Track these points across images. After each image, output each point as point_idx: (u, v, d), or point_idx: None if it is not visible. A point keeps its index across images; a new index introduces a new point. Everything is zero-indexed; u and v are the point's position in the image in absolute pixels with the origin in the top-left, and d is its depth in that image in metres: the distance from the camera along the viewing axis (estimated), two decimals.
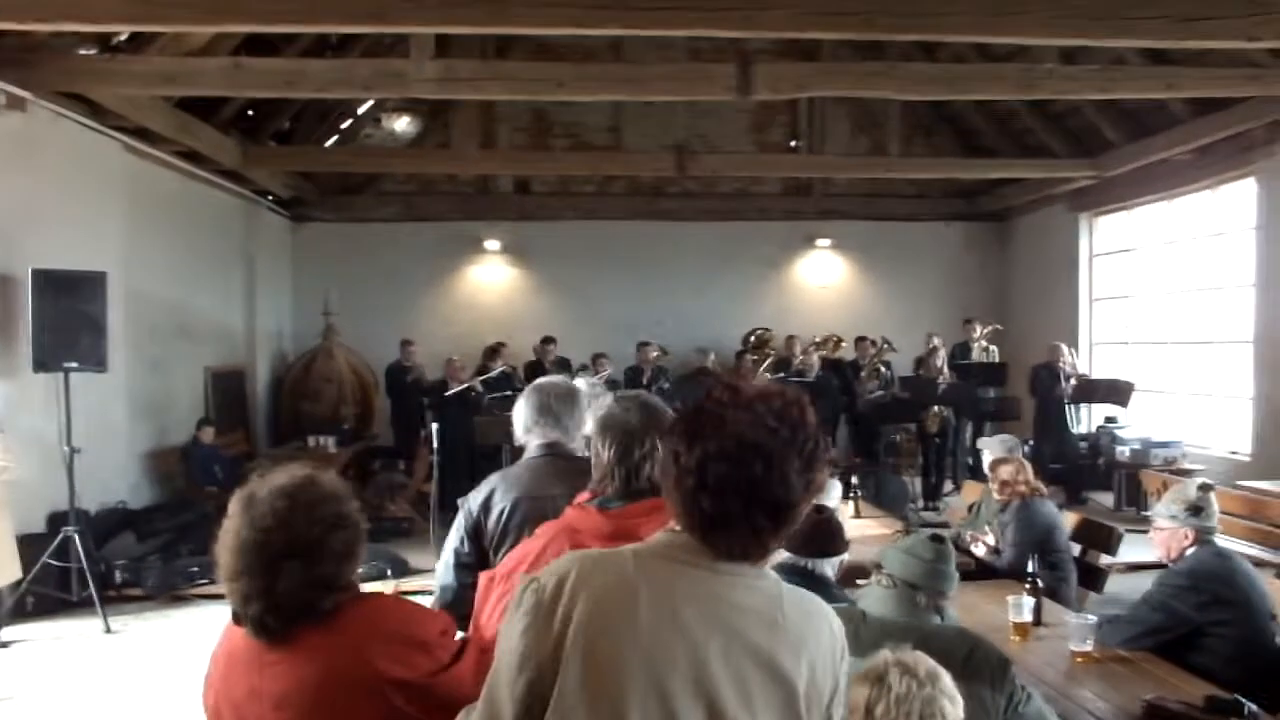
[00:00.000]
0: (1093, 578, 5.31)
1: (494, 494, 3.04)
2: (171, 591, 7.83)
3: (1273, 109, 9.21)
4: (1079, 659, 3.62)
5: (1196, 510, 3.86)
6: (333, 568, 2.02)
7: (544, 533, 2.35)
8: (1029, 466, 5.36)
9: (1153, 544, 4.03)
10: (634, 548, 1.62)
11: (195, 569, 8.04)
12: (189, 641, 6.83)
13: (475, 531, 3.03)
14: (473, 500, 3.07)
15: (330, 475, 2.13)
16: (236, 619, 2.04)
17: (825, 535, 3.25)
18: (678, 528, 1.59)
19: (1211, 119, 9.98)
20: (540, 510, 2.97)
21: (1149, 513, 4.00)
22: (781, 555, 3.28)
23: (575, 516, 2.37)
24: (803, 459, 1.55)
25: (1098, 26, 6.41)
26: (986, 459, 6.02)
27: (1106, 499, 11.01)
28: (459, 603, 3.00)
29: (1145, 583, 6.77)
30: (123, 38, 8.51)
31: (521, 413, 3.17)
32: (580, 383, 4.88)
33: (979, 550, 5.37)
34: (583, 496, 2.43)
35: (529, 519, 2.98)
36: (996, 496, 5.36)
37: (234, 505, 2.05)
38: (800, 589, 1.64)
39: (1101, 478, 11.23)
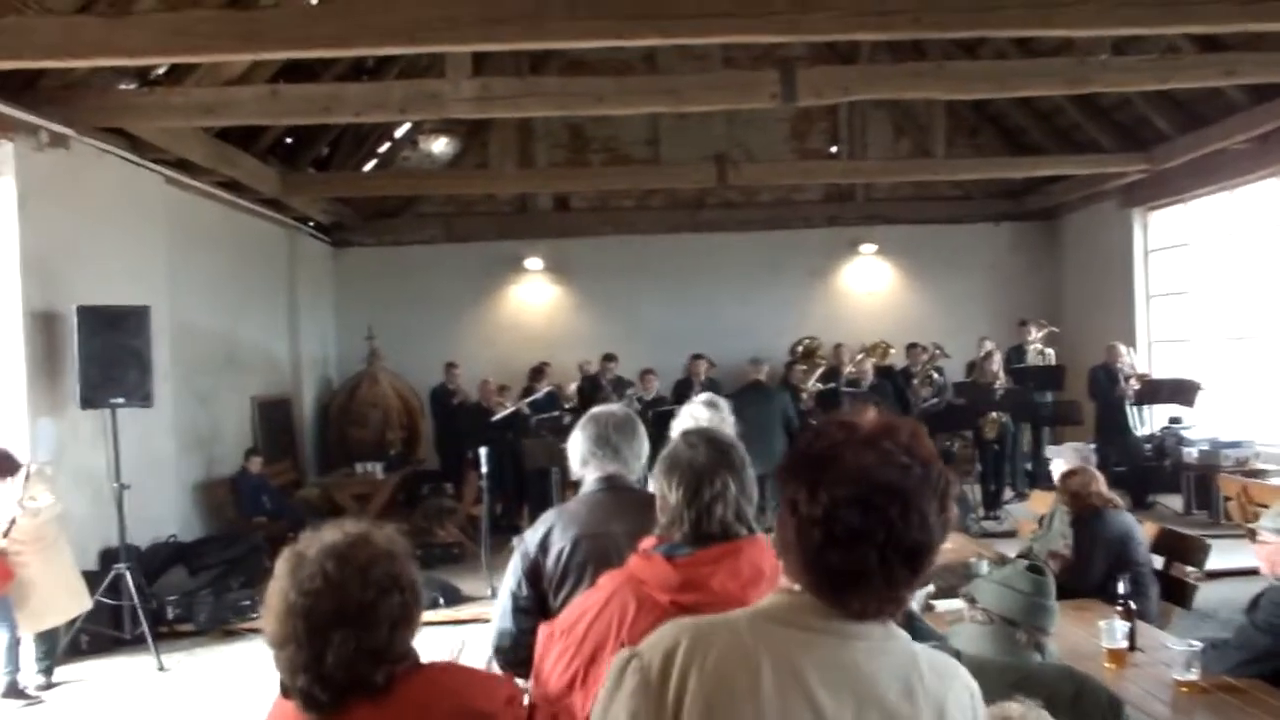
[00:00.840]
0: (1178, 592, 5.04)
1: (552, 532, 2.88)
2: (223, 626, 7.75)
3: None
4: (1184, 689, 3.38)
5: None
6: (387, 636, 1.86)
7: (607, 584, 2.17)
8: (1100, 477, 5.10)
9: (1258, 558, 3.75)
10: (746, 613, 1.45)
11: (246, 602, 7.96)
12: (240, 678, 6.75)
13: (533, 573, 2.87)
14: (529, 540, 2.91)
15: (387, 532, 1.97)
16: (284, 691, 1.87)
17: None
18: (795, 586, 1.42)
19: (1272, 105, 9.61)
20: (602, 548, 2.81)
21: (1256, 525, 3.73)
22: None
23: (639, 566, 2.18)
24: (939, 496, 1.40)
25: (1153, 14, 6.16)
26: (1057, 469, 5.76)
27: (1174, 502, 10.63)
28: (518, 648, 2.85)
29: (1229, 592, 6.50)
30: (161, 71, 8.52)
31: (577, 444, 3.01)
32: (698, 409, 4.72)
33: (1064, 552, 5.13)
34: (647, 543, 2.24)
35: (590, 558, 2.82)
36: (1066, 509, 5.11)
37: (281, 565, 1.90)
38: (931, 649, 1.46)
39: (1168, 480, 10.86)
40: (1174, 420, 11.45)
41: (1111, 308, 13.39)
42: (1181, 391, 10.56)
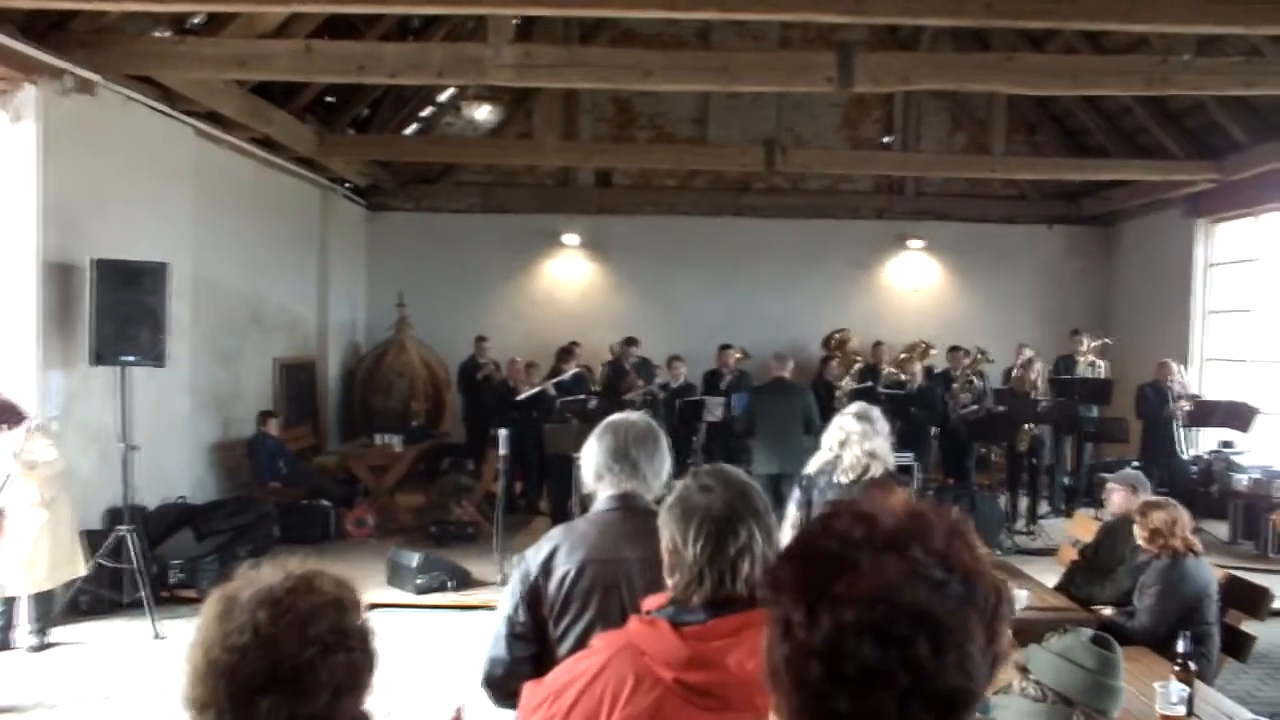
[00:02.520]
0: (1236, 644, 4.64)
1: (556, 554, 2.56)
2: None
3: None
4: None
5: None
6: (328, 704, 1.54)
7: (604, 647, 1.82)
8: (1186, 515, 4.64)
9: None
10: None
11: None
12: None
13: (533, 597, 2.55)
14: (531, 561, 2.59)
15: (334, 576, 1.65)
16: None
17: None
18: None
19: None
20: (611, 575, 2.51)
21: None
22: None
23: (641, 633, 1.81)
24: (986, 625, 1.03)
25: (1251, 12, 5.70)
26: (1117, 497, 5.37)
27: (1220, 530, 10.17)
28: (511, 679, 2.53)
29: (1276, 633, 6.09)
30: (197, 20, 8.25)
31: (592, 456, 2.68)
32: (848, 421, 4.41)
33: (1105, 612, 4.73)
34: (652, 601, 1.89)
35: (597, 585, 2.51)
36: (1143, 545, 4.66)
37: (206, 611, 1.59)
38: None
39: (1214, 506, 10.39)
40: (1224, 444, 10.96)
41: (1165, 322, 12.87)
42: (1236, 416, 10.07)
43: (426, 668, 6.31)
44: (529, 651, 2.54)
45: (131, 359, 6.83)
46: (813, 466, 4.65)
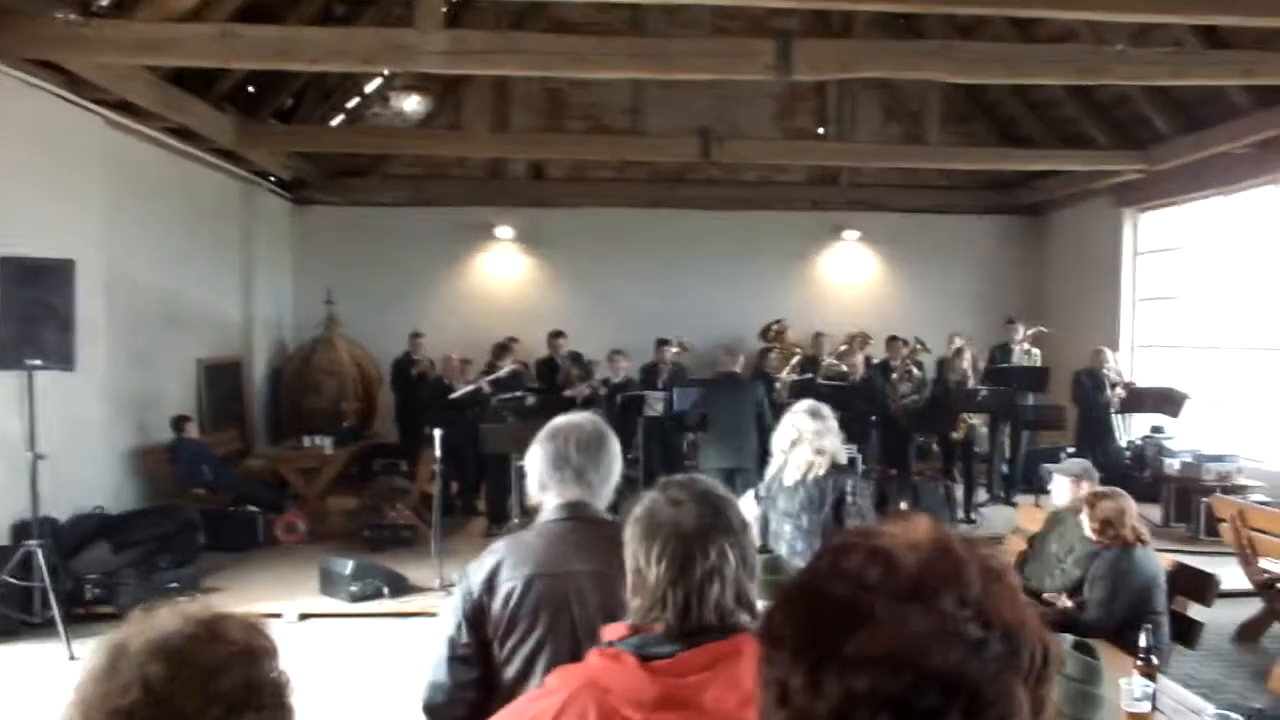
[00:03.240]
0: (1186, 632, 4.60)
1: (501, 569, 2.36)
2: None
3: None
4: None
5: None
6: None
7: (562, 684, 1.60)
8: (1133, 504, 4.58)
9: None
10: None
11: (174, 584, 7.39)
12: None
13: (476, 616, 2.35)
14: (473, 576, 2.38)
15: (243, 619, 1.42)
16: None
17: None
18: None
19: (1277, 110, 9.22)
20: (560, 592, 2.31)
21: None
22: None
23: (604, 669, 1.59)
24: (1031, 692, 0.85)
25: (1186, 2, 5.66)
26: (1058, 488, 5.29)
27: (1153, 513, 10.25)
28: (453, 705, 2.33)
29: (1214, 615, 6.10)
30: (104, 2, 7.82)
31: (535, 464, 2.48)
32: (801, 420, 4.27)
33: (1063, 602, 4.64)
34: (613, 630, 1.69)
35: (545, 603, 2.31)
36: (1091, 536, 4.59)
37: (88, 662, 1.35)
38: None
39: (1147, 490, 10.49)
40: (1155, 429, 11.10)
41: (1097, 309, 13.02)
42: (1167, 401, 10.19)
43: (362, 679, 6.05)
44: (472, 675, 2.34)
45: (37, 363, 6.42)
46: (767, 476, 4.54)
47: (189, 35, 6.91)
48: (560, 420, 2.54)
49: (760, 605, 3.05)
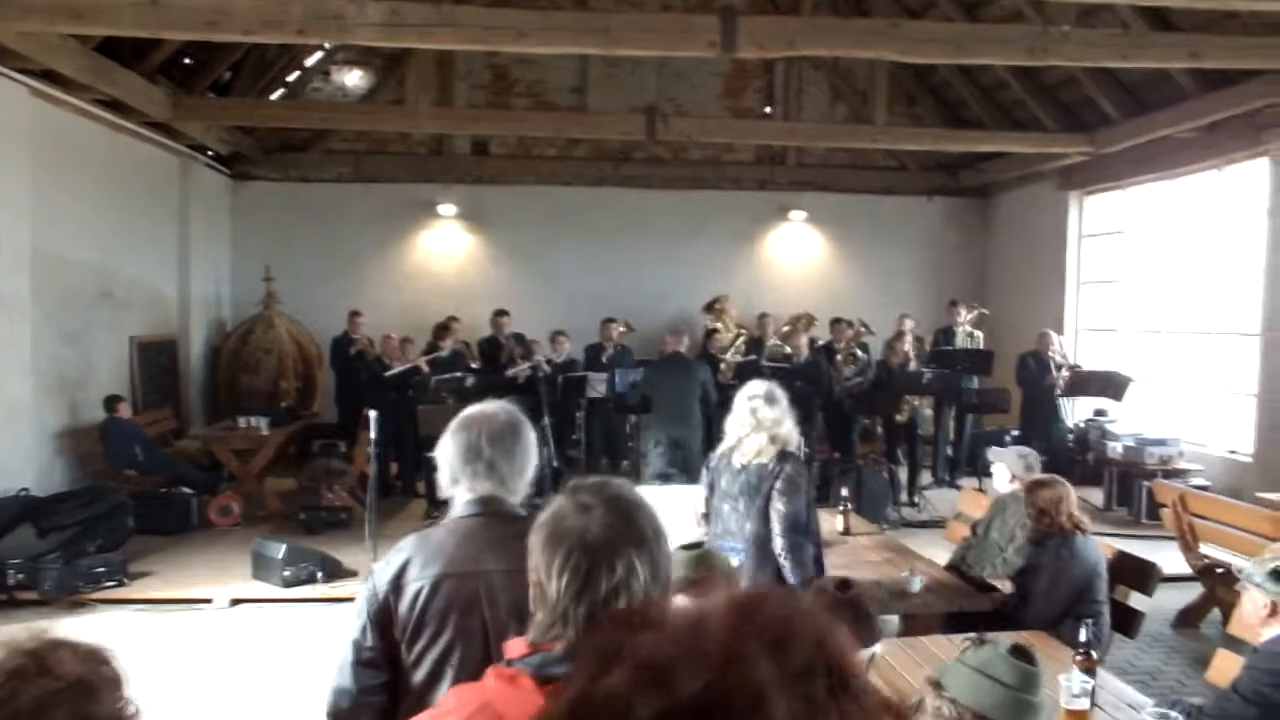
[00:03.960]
0: (1126, 621, 4.60)
1: (408, 568, 2.24)
2: (72, 596, 6.94)
3: None
4: None
5: None
6: None
7: (457, 707, 1.49)
8: (1073, 494, 4.56)
9: (1243, 614, 3.27)
10: None
11: (101, 569, 7.17)
12: None
13: (383, 618, 2.23)
14: (379, 576, 2.27)
15: (85, 648, 1.30)
16: None
17: (852, 619, 2.47)
18: None
19: (1223, 94, 9.31)
20: (470, 592, 2.20)
21: (1241, 574, 3.23)
22: None
23: (500, 692, 1.48)
24: None
25: None
26: (999, 474, 5.28)
27: (1095, 496, 10.37)
28: (357, 711, 2.22)
29: (1155, 601, 6.16)
30: None
31: (445, 456, 2.36)
32: (760, 407, 4.19)
33: (1005, 586, 4.63)
34: (515, 648, 1.59)
35: (454, 604, 2.20)
36: (1030, 525, 4.58)
37: None
38: None
39: (1090, 474, 10.62)
40: (1098, 413, 11.20)
41: (1041, 292, 13.12)
42: (1111, 385, 10.26)
43: (293, 665, 5.90)
44: (379, 680, 2.22)
45: None
46: (717, 451, 4.48)
47: (116, 3, 6.62)
48: (472, 410, 2.42)
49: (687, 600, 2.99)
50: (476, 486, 2.31)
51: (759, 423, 4.25)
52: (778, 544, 4.14)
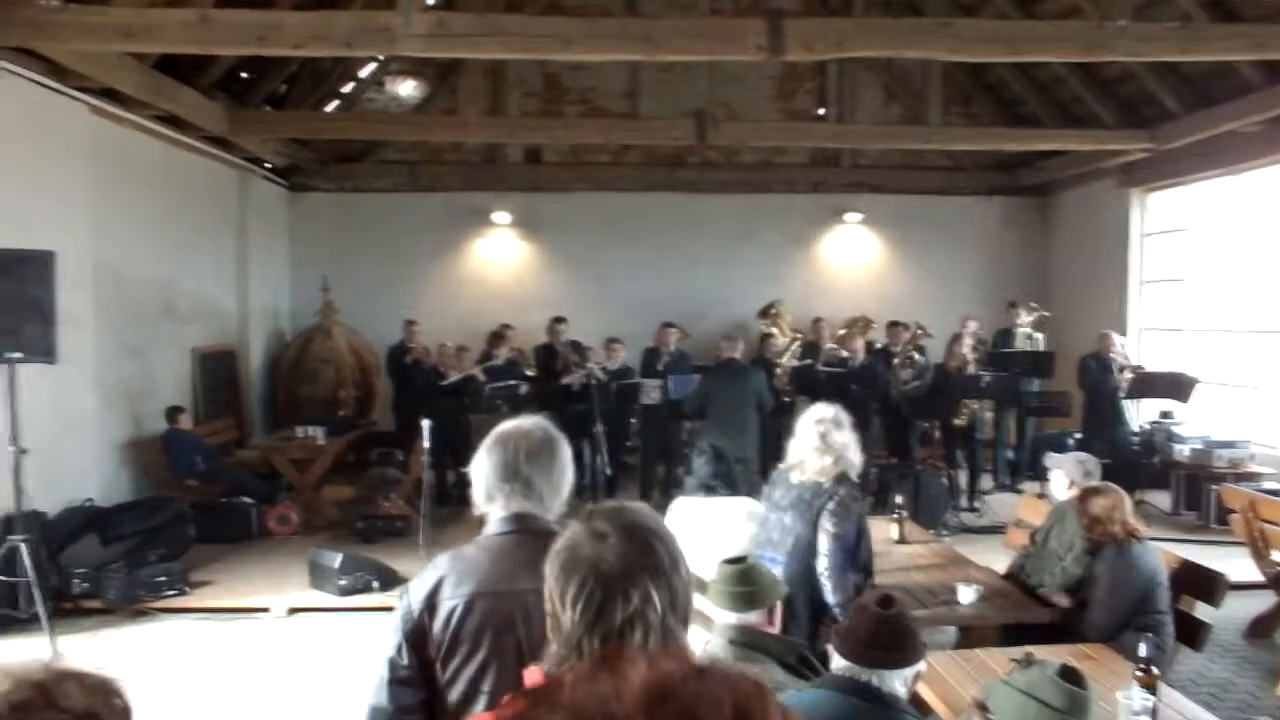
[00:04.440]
0: (1192, 633, 4.44)
1: (442, 586, 2.22)
2: (134, 605, 7.07)
3: None
4: None
5: None
6: None
7: None
8: (1128, 501, 4.42)
9: None
10: None
11: (163, 578, 7.31)
12: (147, 665, 6.11)
13: (417, 637, 2.21)
14: (414, 593, 2.25)
15: (94, 679, 1.28)
16: None
17: (894, 639, 2.41)
18: None
19: None
20: (505, 612, 2.17)
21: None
22: (838, 663, 2.45)
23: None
24: None
25: None
26: (1057, 481, 5.14)
27: (1162, 500, 10.12)
28: None
29: (1226, 610, 5.96)
30: None
31: (480, 473, 2.34)
32: (831, 431, 4.19)
33: (1062, 601, 4.50)
34: (531, 677, 1.55)
35: (489, 623, 2.17)
36: (1083, 534, 4.46)
37: None
38: None
39: (1156, 477, 10.34)
40: (1165, 415, 10.90)
41: (1102, 292, 12.83)
42: (1177, 386, 9.99)
43: (348, 674, 5.94)
44: (416, 698, 2.20)
45: (17, 355, 6.30)
46: (781, 465, 4.48)
47: (167, 21, 6.76)
48: (507, 426, 2.39)
49: (733, 618, 2.94)
50: (512, 504, 2.29)
51: (827, 446, 4.23)
52: (821, 563, 4.08)
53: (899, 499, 6.13)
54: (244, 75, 11.22)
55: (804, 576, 4.09)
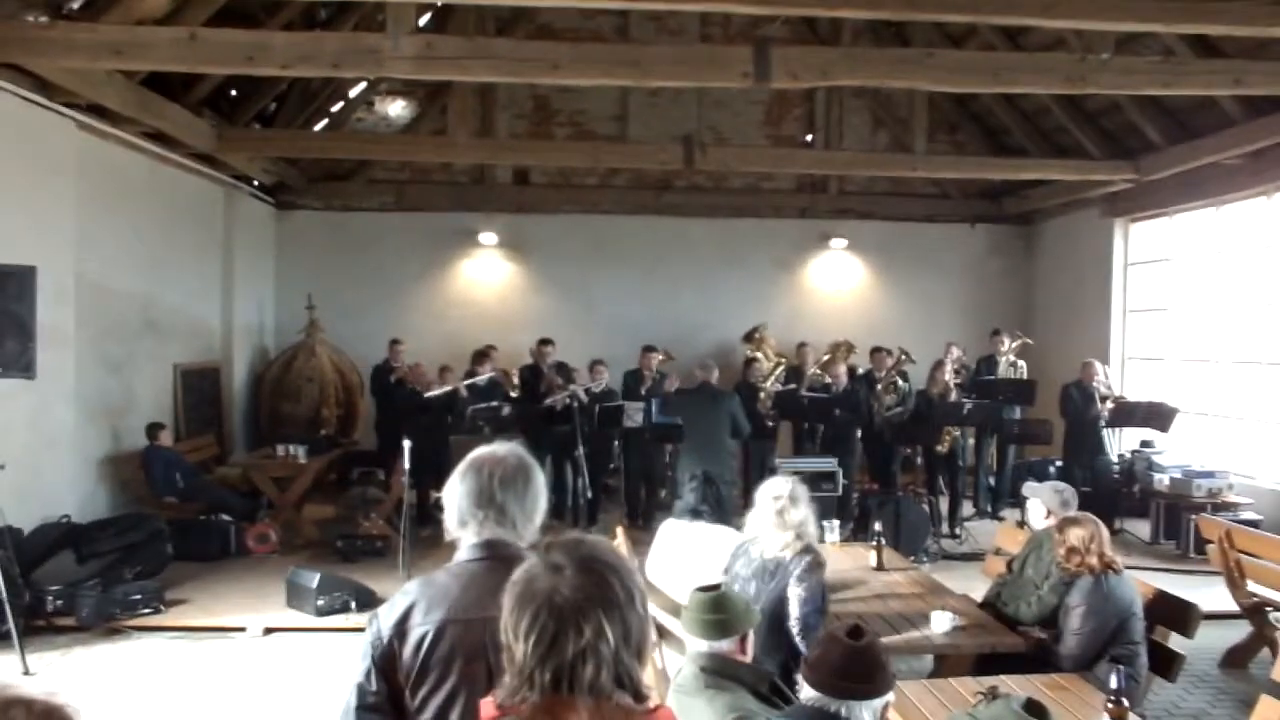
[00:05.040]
0: (1165, 663, 4.45)
1: (412, 612, 2.21)
2: (108, 623, 7.00)
3: None
4: None
5: None
6: None
7: None
8: (1105, 532, 4.44)
9: None
10: None
11: (138, 596, 7.23)
12: (119, 684, 6.05)
13: (386, 663, 2.20)
14: (384, 619, 2.24)
15: (42, 704, 1.27)
16: None
17: (863, 669, 2.41)
18: None
19: (1270, 120, 9.12)
20: (475, 639, 2.15)
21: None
22: (807, 693, 2.45)
23: None
24: None
25: (1172, 10, 5.55)
26: (1034, 510, 5.15)
27: (1142, 529, 10.17)
28: None
29: (1200, 639, 5.96)
30: (75, 4, 7.69)
31: (454, 498, 2.33)
32: (787, 508, 4.23)
33: (1036, 634, 4.51)
34: (486, 710, 1.55)
35: (459, 650, 2.16)
36: (1059, 564, 4.47)
37: None
38: None
39: (1136, 506, 10.40)
40: (1144, 444, 10.96)
41: (1086, 320, 12.92)
42: (1157, 416, 10.03)
43: (323, 695, 5.89)
44: None
45: None
46: (741, 537, 4.54)
47: (155, 39, 6.77)
48: (482, 451, 2.39)
49: (704, 645, 2.93)
50: (484, 530, 2.28)
51: (784, 523, 4.26)
52: (795, 626, 4.11)
53: (878, 525, 6.12)
54: (233, 93, 11.24)
55: (772, 645, 4.09)
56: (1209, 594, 6.62)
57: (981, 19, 6.78)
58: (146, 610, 7.22)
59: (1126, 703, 3.21)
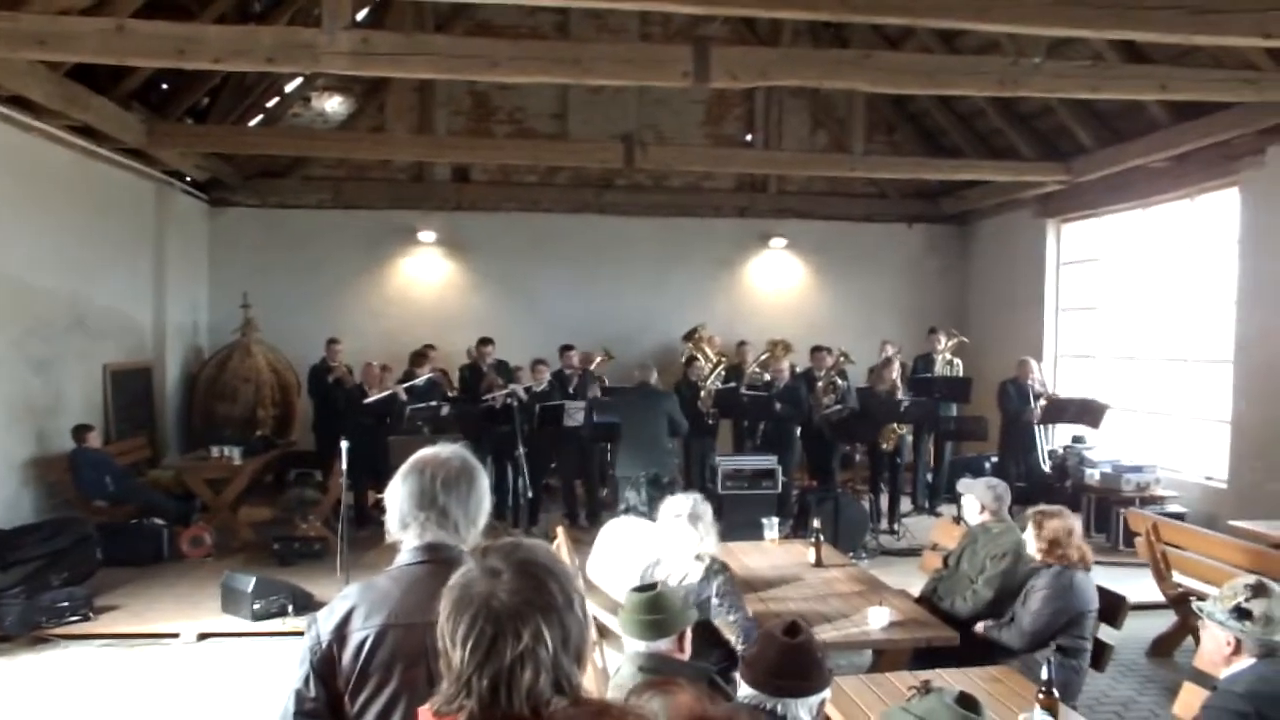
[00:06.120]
0: (1095, 654, 4.55)
1: (352, 616, 2.18)
2: (34, 631, 6.82)
3: (1261, 116, 8.58)
4: None
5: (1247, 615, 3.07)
6: None
7: None
8: (1079, 526, 4.55)
9: (1202, 651, 3.21)
10: None
11: (65, 603, 7.06)
12: (46, 694, 5.90)
13: (325, 668, 2.17)
14: (322, 624, 2.20)
15: None
16: None
17: (799, 667, 2.42)
18: None
19: (1194, 125, 9.37)
20: (416, 644, 2.12)
21: (1201, 609, 3.18)
22: (744, 691, 2.46)
23: None
24: None
25: (1102, 16, 5.67)
26: (969, 505, 5.24)
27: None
28: None
29: (1139, 630, 6.11)
30: None
31: (396, 500, 2.30)
32: (685, 527, 4.28)
33: (978, 627, 4.59)
34: (423, 716, 1.53)
35: (399, 655, 2.13)
36: (1036, 555, 4.56)
37: None
38: None
39: (1068, 501, 10.57)
40: (1076, 440, 11.19)
41: (1020, 319, 13.15)
42: (1088, 412, 10.25)
43: (259, 701, 5.80)
44: None
45: None
46: (646, 565, 4.53)
47: (82, 30, 6.59)
48: (425, 453, 2.36)
49: (641, 645, 2.93)
50: (426, 533, 2.26)
51: (683, 546, 4.30)
52: (738, 640, 4.13)
53: (817, 522, 6.18)
54: (164, 86, 10.99)
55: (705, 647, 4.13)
56: (1137, 585, 6.77)
57: (917, 21, 6.85)
58: (74, 618, 7.04)
59: (1057, 693, 3.27)
